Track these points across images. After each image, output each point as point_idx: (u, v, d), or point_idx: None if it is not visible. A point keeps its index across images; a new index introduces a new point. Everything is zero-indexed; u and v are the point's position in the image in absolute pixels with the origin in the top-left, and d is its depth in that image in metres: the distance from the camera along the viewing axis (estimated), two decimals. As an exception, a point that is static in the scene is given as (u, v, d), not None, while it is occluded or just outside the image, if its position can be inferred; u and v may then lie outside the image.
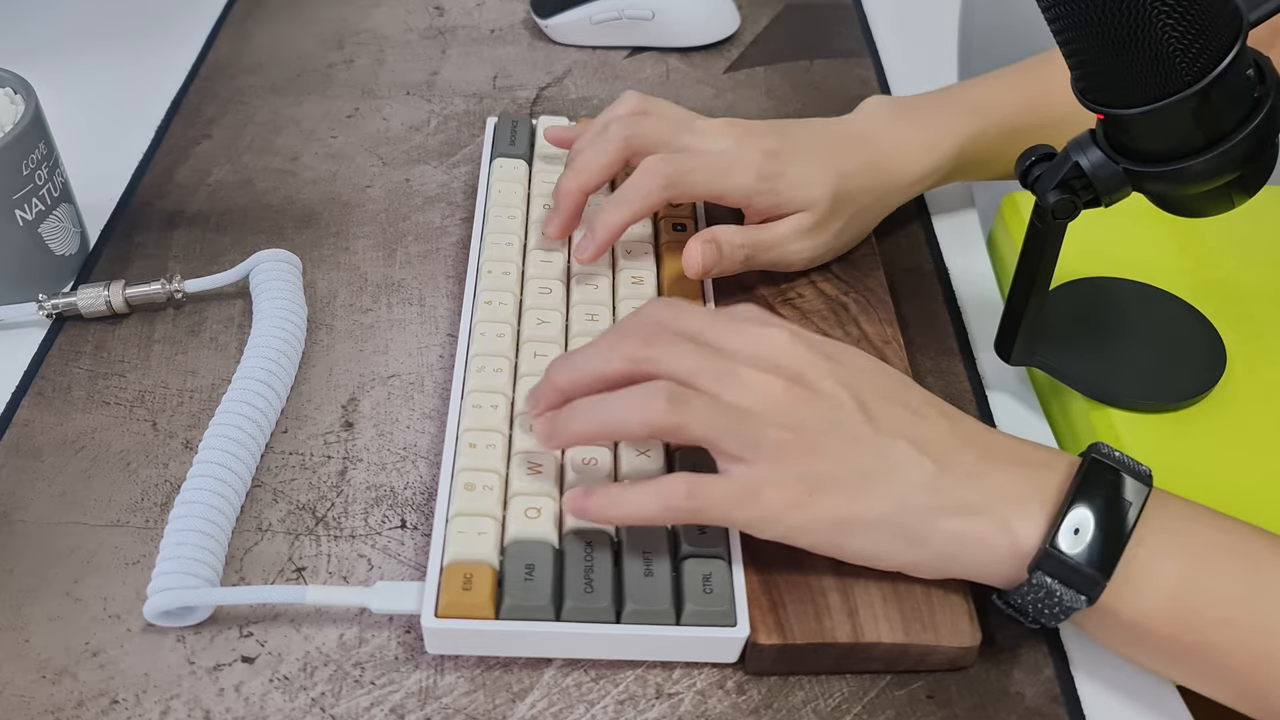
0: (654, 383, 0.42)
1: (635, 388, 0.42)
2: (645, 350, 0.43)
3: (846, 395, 0.43)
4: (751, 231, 0.55)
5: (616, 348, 0.43)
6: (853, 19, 0.82)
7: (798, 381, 0.43)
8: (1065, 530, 0.40)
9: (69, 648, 0.44)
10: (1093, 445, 0.43)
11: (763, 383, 0.42)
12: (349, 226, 0.64)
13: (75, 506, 0.49)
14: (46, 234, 0.58)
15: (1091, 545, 0.40)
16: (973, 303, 0.60)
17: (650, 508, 0.42)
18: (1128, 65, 0.39)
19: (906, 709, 0.43)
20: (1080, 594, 0.40)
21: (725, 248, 0.54)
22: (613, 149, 0.54)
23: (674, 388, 0.42)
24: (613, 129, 0.55)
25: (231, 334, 0.57)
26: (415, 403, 0.54)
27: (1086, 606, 0.41)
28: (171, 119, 0.71)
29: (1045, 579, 0.41)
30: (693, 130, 0.56)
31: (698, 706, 0.43)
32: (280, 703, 0.43)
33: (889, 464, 0.42)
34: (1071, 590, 0.40)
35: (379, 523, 0.49)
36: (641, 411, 0.41)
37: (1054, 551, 0.40)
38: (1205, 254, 0.60)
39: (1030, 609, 0.42)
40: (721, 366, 0.42)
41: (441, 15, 0.82)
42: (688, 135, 0.55)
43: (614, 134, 0.55)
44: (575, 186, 0.55)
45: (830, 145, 0.57)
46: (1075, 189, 0.45)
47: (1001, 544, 0.41)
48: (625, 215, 0.53)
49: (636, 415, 0.42)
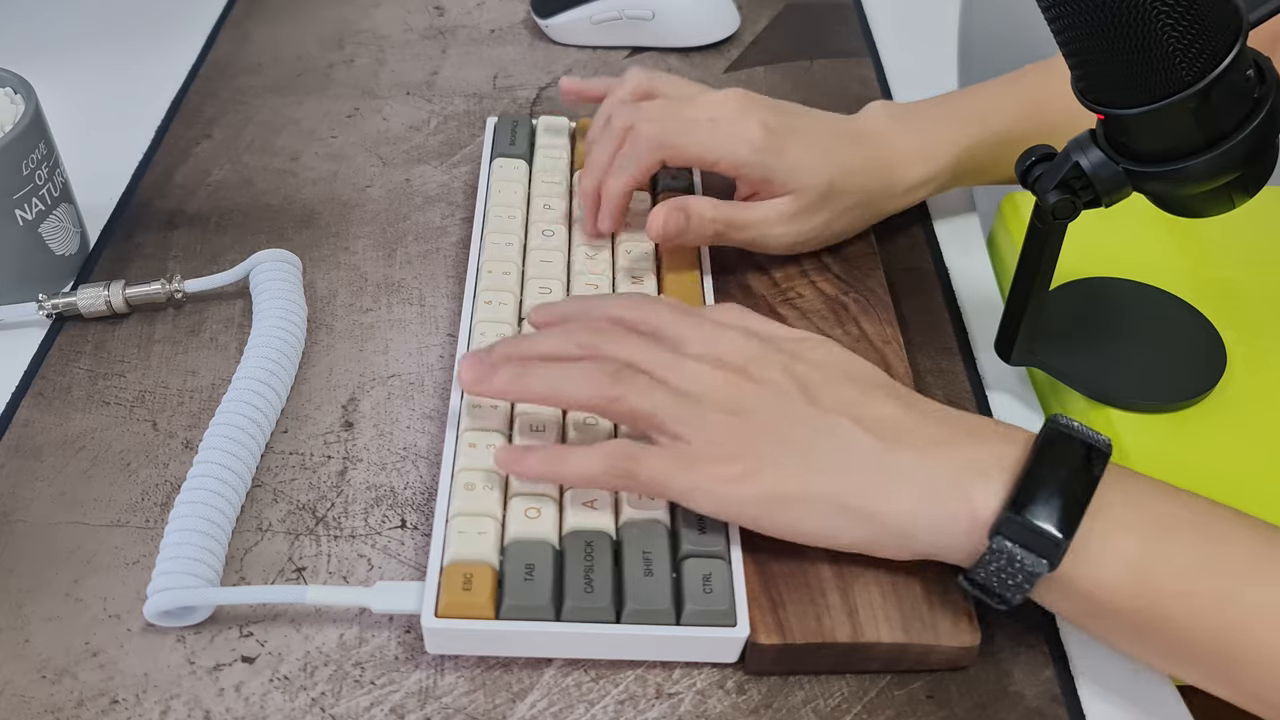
0: (598, 359, 0.45)
1: (581, 362, 0.45)
2: (594, 339, 0.45)
3: (789, 381, 0.44)
4: (728, 207, 0.56)
5: (574, 334, 0.46)
6: (853, 19, 0.82)
7: (740, 373, 0.44)
8: (1025, 495, 0.40)
9: (69, 648, 0.44)
10: (1052, 416, 0.43)
11: (705, 373, 0.44)
12: (349, 226, 0.64)
13: (75, 506, 0.49)
14: (46, 234, 0.58)
15: (1050, 508, 0.40)
16: (973, 303, 0.60)
17: (594, 466, 0.43)
18: (1128, 65, 0.39)
19: (906, 709, 0.43)
20: (1041, 558, 0.40)
21: (694, 218, 0.55)
22: (617, 141, 0.56)
23: (616, 365, 0.44)
24: (615, 121, 0.56)
25: (231, 334, 0.57)
26: (415, 403, 0.54)
27: (1049, 571, 0.40)
28: (171, 119, 0.71)
29: (1005, 544, 0.40)
30: (695, 103, 0.56)
31: (698, 706, 0.43)
32: (280, 703, 0.43)
33: (831, 443, 0.43)
34: (1032, 554, 0.40)
35: (379, 523, 0.49)
36: (582, 384, 0.44)
37: (1013, 516, 0.40)
38: (1205, 254, 0.60)
39: (994, 581, 0.41)
40: (667, 358, 0.44)
41: (441, 15, 0.82)
42: (689, 108, 0.56)
43: (616, 126, 0.56)
44: (592, 186, 0.57)
45: (833, 137, 0.57)
46: (1075, 189, 0.45)
47: (960, 515, 0.41)
48: (624, 181, 0.55)
49: (578, 387, 0.44)
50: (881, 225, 0.62)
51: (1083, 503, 0.40)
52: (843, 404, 0.43)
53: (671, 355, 0.45)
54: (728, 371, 0.44)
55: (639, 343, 0.45)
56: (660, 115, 0.56)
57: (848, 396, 0.44)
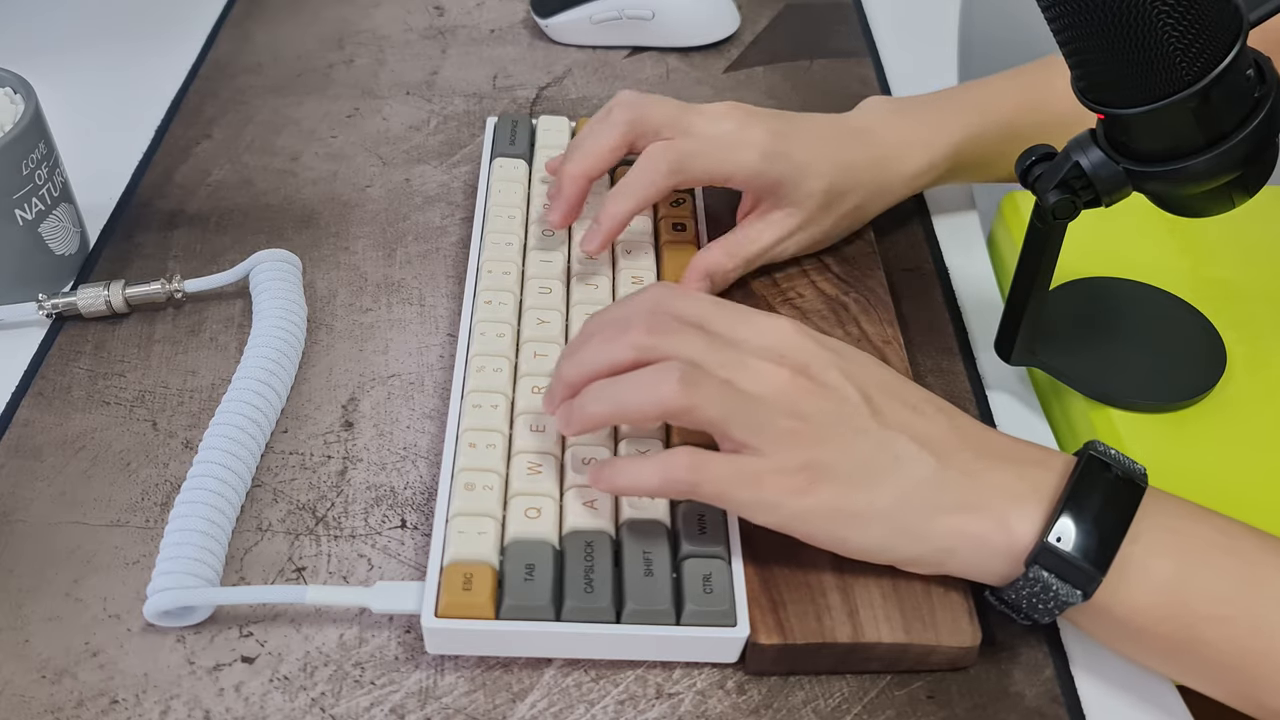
0: (666, 363, 0.42)
1: (648, 369, 0.42)
2: (651, 339, 0.42)
3: (852, 388, 0.43)
4: (738, 246, 0.55)
5: (622, 337, 0.43)
6: (853, 19, 0.82)
7: (803, 372, 0.43)
8: (1062, 526, 0.40)
9: (69, 648, 0.44)
10: (1089, 443, 0.43)
11: (770, 372, 0.42)
12: (349, 226, 0.64)
13: (75, 506, 0.49)
14: (46, 234, 0.58)
15: (1088, 541, 0.40)
16: (973, 303, 0.60)
17: (651, 479, 0.42)
18: (1128, 65, 0.39)
19: (906, 709, 0.43)
20: (1076, 589, 0.40)
21: (718, 277, 0.55)
22: (616, 132, 0.54)
23: (686, 368, 0.41)
24: (615, 113, 0.54)
25: (231, 334, 0.57)
26: (415, 403, 0.54)
27: (1082, 601, 0.41)
28: (171, 119, 0.71)
29: (1042, 573, 0.41)
30: (697, 112, 0.55)
31: (698, 706, 0.43)
32: (280, 703, 0.43)
33: (891, 458, 0.42)
34: (1067, 585, 0.40)
35: (379, 523, 0.49)
36: (654, 391, 0.41)
37: (1051, 546, 0.40)
38: (1205, 254, 0.60)
39: (1024, 604, 0.42)
40: (729, 355, 0.42)
41: (441, 15, 0.82)
42: (692, 116, 0.55)
43: (617, 118, 0.54)
44: (579, 171, 0.54)
45: (832, 137, 0.57)
46: (1075, 189, 0.45)
47: (999, 541, 0.41)
48: (630, 205, 0.53)
49: (650, 395, 0.41)
50: (881, 225, 0.62)
51: (1118, 535, 0.40)
52: (900, 419, 0.43)
53: (735, 353, 0.42)
54: (792, 371, 0.42)
55: (696, 337, 0.43)
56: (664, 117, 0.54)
57: (904, 410, 0.43)
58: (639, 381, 0.42)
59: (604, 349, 0.43)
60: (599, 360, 0.43)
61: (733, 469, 0.41)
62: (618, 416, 0.44)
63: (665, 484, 0.42)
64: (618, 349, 0.43)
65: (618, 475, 0.42)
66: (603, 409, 0.43)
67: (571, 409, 0.43)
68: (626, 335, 0.43)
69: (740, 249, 0.55)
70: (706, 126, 0.54)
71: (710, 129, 0.54)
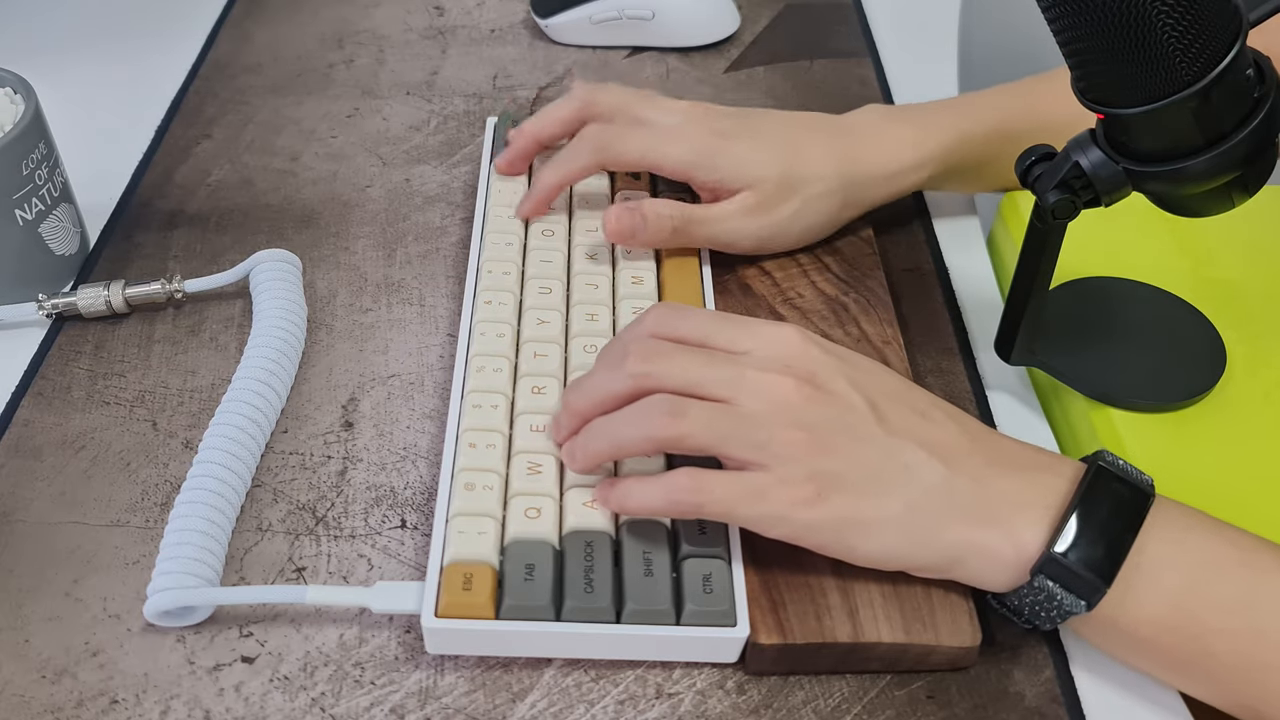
0: (651, 397, 0.42)
1: (637, 404, 0.43)
2: (645, 366, 0.43)
3: (858, 396, 0.43)
4: (684, 205, 0.56)
5: (621, 366, 0.43)
6: (853, 19, 0.82)
7: (809, 381, 0.42)
8: (1068, 536, 0.40)
9: (69, 648, 0.44)
10: (1098, 453, 0.43)
11: (773, 383, 0.42)
12: (349, 226, 0.64)
13: (75, 506, 0.49)
14: (46, 234, 0.58)
15: (1094, 552, 0.40)
16: (973, 303, 0.60)
17: (656, 501, 0.42)
18: (1127, 65, 0.39)
19: (906, 709, 0.43)
20: (1080, 599, 0.40)
21: (650, 217, 0.55)
22: (572, 105, 0.58)
23: (672, 400, 0.42)
24: (576, 91, 0.58)
25: (231, 334, 0.57)
26: (415, 403, 0.54)
27: (1085, 611, 0.41)
28: (171, 119, 0.71)
29: (1047, 583, 0.41)
30: (653, 103, 0.58)
31: (698, 706, 0.43)
32: (280, 703, 0.43)
33: (900, 466, 0.42)
34: (1072, 595, 0.40)
35: (379, 523, 0.49)
36: (644, 426, 0.42)
37: (1057, 556, 0.40)
38: (1205, 254, 0.60)
39: (1028, 610, 0.42)
40: (728, 373, 0.42)
41: (441, 15, 0.82)
42: (646, 105, 0.57)
43: (576, 94, 0.58)
44: (531, 130, 0.59)
45: (798, 130, 0.57)
46: (1075, 189, 0.45)
47: (1007, 553, 0.41)
48: (557, 177, 0.57)
49: (640, 430, 0.42)
50: (881, 225, 0.62)
51: (1124, 547, 0.40)
52: (908, 426, 0.43)
53: (733, 369, 0.42)
54: (797, 380, 0.42)
55: (692, 359, 0.43)
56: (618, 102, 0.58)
57: (911, 417, 0.43)
58: (629, 418, 0.43)
59: (603, 380, 0.44)
60: (599, 392, 0.44)
61: (737, 486, 0.41)
62: (618, 452, 0.44)
63: (670, 506, 0.42)
64: (616, 380, 0.43)
65: (627, 498, 0.43)
66: (603, 446, 0.44)
67: (575, 447, 0.44)
68: (624, 364, 0.43)
69: (685, 206, 0.56)
70: (654, 116, 0.57)
71: (654, 118, 0.57)
